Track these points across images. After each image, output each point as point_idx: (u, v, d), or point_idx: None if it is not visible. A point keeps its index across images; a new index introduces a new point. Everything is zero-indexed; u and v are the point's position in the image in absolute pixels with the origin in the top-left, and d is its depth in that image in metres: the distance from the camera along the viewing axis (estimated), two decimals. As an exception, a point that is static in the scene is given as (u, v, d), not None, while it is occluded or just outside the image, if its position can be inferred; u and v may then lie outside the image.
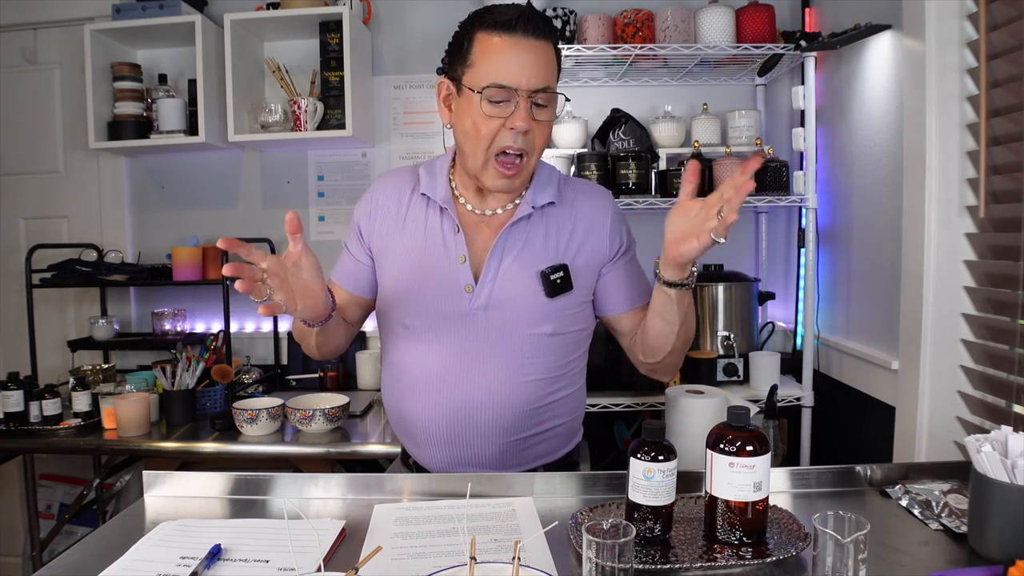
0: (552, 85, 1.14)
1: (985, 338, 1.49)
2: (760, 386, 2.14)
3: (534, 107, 1.12)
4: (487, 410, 1.19)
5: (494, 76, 1.10)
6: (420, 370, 1.22)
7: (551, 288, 1.19)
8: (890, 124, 1.79)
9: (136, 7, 2.34)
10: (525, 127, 1.11)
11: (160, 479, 1.11)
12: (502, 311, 1.19)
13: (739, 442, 0.86)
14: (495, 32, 1.10)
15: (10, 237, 2.68)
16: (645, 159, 2.18)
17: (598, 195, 1.30)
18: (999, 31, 1.42)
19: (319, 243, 2.60)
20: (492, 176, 1.16)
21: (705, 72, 2.38)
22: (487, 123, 1.12)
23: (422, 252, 1.22)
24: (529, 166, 1.17)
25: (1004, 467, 0.83)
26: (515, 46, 1.10)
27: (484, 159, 1.14)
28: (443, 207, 1.22)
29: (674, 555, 0.86)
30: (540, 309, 1.20)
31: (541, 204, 1.23)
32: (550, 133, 1.19)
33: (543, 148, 1.18)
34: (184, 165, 2.61)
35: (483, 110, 1.11)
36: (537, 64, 1.11)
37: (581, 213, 1.25)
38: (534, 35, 1.10)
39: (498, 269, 1.20)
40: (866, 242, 1.96)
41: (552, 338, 1.21)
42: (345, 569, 0.75)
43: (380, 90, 2.54)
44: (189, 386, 2.13)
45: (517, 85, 1.09)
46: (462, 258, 1.20)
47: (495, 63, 1.10)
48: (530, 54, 1.10)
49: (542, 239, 1.22)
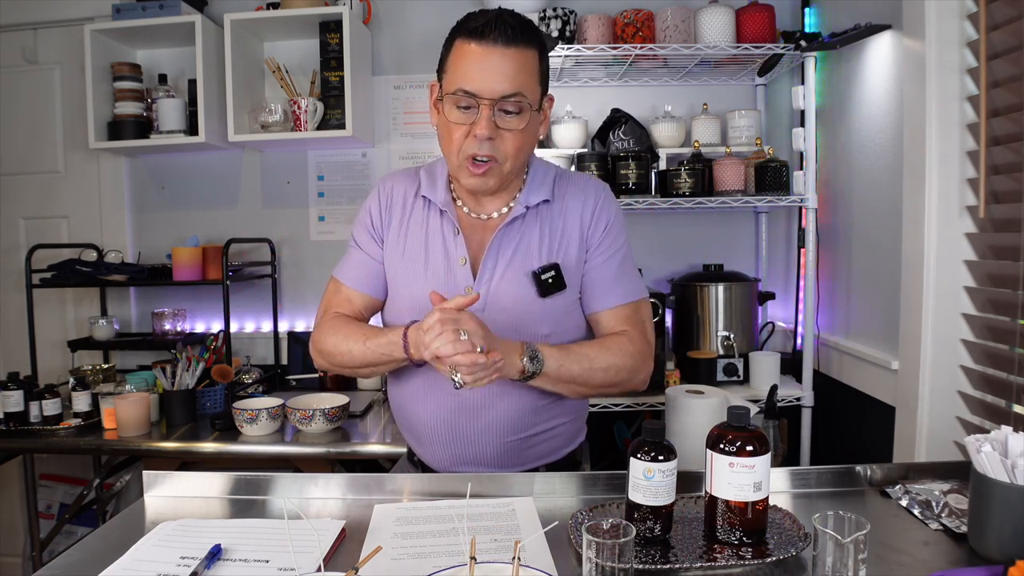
0: (526, 90, 1.11)
1: (985, 338, 1.49)
2: (760, 386, 2.14)
3: (501, 114, 1.11)
4: (488, 410, 1.20)
5: (459, 82, 1.11)
6: (422, 371, 1.22)
7: (543, 288, 1.18)
8: (890, 124, 1.79)
9: (136, 7, 2.34)
10: (487, 134, 1.10)
11: (160, 479, 1.11)
12: (499, 312, 1.18)
13: (739, 442, 0.86)
14: (469, 39, 1.11)
15: (10, 237, 2.68)
16: (645, 159, 2.18)
17: (587, 187, 1.26)
18: (999, 31, 1.42)
19: (319, 243, 2.60)
20: (465, 176, 1.16)
21: (705, 72, 2.39)
22: (455, 129, 1.13)
23: (424, 253, 1.22)
24: (502, 171, 1.16)
25: (1004, 467, 0.83)
26: (483, 53, 1.09)
27: (457, 162, 1.16)
28: (443, 210, 1.23)
29: (674, 555, 0.86)
30: (535, 310, 1.19)
31: (535, 203, 1.22)
32: (525, 140, 1.15)
33: (519, 154, 1.16)
34: (184, 165, 2.61)
35: (450, 116, 1.13)
36: (503, 71, 1.09)
37: (569, 207, 1.24)
38: (503, 42, 1.09)
39: (494, 271, 1.20)
40: (866, 242, 1.96)
41: (549, 339, 1.20)
42: (345, 569, 0.75)
43: (380, 90, 2.54)
44: (189, 386, 2.13)
45: (479, 92, 1.09)
46: (462, 260, 1.20)
47: (462, 70, 1.11)
48: (497, 61, 1.09)
49: (537, 239, 1.21)
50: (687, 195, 2.14)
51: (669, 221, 2.50)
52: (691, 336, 2.27)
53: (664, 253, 2.50)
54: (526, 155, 1.19)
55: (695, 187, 2.14)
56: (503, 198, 1.24)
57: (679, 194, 2.14)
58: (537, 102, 1.16)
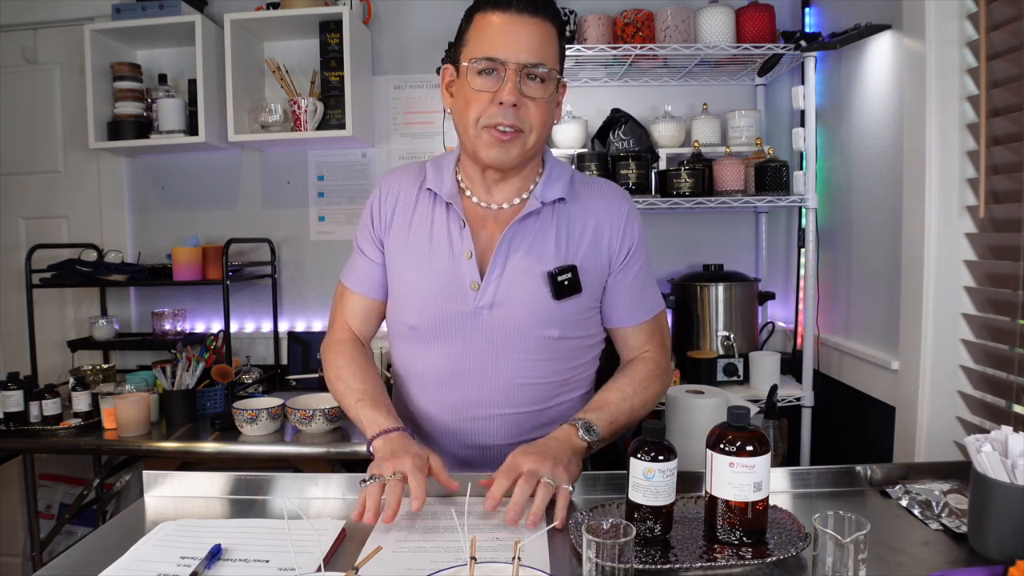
0: (548, 63, 1.10)
1: (985, 338, 1.49)
2: (760, 386, 2.14)
3: (526, 81, 1.10)
4: (491, 411, 1.19)
5: (484, 50, 1.09)
6: (425, 369, 1.21)
7: (558, 290, 1.15)
8: (890, 124, 1.79)
9: (136, 7, 2.34)
10: (512, 100, 1.08)
11: (160, 479, 1.10)
12: (508, 310, 1.16)
13: (739, 442, 0.86)
14: (491, 11, 1.10)
15: (10, 237, 2.68)
16: (645, 159, 2.18)
17: (614, 195, 1.24)
18: (999, 31, 1.41)
19: (319, 243, 2.60)
20: (486, 145, 1.11)
21: (705, 72, 2.38)
22: (477, 97, 1.10)
23: (428, 249, 1.19)
24: (527, 143, 1.12)
25: (1004, 467, 0.83)
26: (508, 21, 1.09)
27: (476, 133, 1.12)
28: (448, 202, 1.19)
29: (674, 555, 0.86)
30: (546, 311, 1.16)
31: (551, 199, 1.18)
32: (549, 114, 1.14)
33: (543, 127, 1.13)
34: (184, 165, 2.61)
35: (472, 84, 1.10)
36: (530, 39, 1.09)
37: (594, 212, 1.20)
38: (529, 12, 1.09)
39: (504, 266, 1.16)
40: (866, 242, 1.96)
41: (559, 342, 1.18)
42: (345, 569, 0.75)
43: (380, 90, 2.54)
44: (189, 386, 2.13)
45: (505, 57, 1.08)
46: (468, 254, 1.16)
47: (486, 38, 1.09)
48: (523, 29, 1.08)
49: (553, 238, 1.17)
50: (687, 195, 2.14)
51: (669, 221, 2.50)
52: (691, 336, 2.27)
53: (664, 253, 2.50)
54: (547, 131, 1.17)
55: (695, 187, 2.14)
56: (516, 186, 1.20)
57: (679, 194, 2.14)
58: (558, 77, 1.14)
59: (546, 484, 0.96)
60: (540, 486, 0.96)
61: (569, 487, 0.99)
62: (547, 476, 0.98)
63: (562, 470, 1.00)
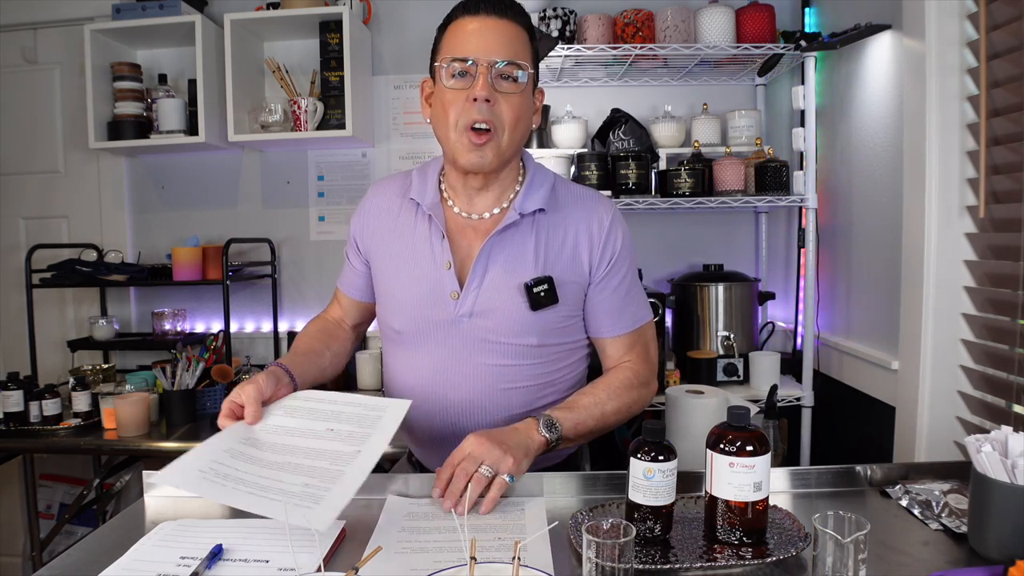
0: (519, 59, 1.12)
1: (985, 338, 1.49)
2: (760, 386, 2.14)
3: (499, 80, 1.12)
4: (474, 415, 1.20)
5: (455, 52, 1.12)
6: (411, 374, 1.23)
7: (534, 301, 1.16)
8: (890, 124, 1.79)
9: (136, 7, 2.34)
10: (485, 95, 1.09)
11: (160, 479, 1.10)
12: (486, 320, 1.17)
13: (739, 442, 0.86)
14: (462, 16, 1.14)
15: (10, 237, 2.68)
16: (645, 159, 2.18)
17: (596, 204, 1.23)
18: (999, 31, 1.42)
19: (319, 243, 2.60)
20: (463, 151, 1.13)
21: (705, 72, 2.38)
22: (452, 97, 1.12)
23: (411, 258, 1.21)
24: (501, 143, 1.13)
25: (1004, 467, 0.83)
26: (478, 24, 1.12)
27: (456, 137, 1.13)
28: (430, 214, 1.20)
29: (674, 555, 0.86)
30: (524, 321, 1.17)
31: (530, 211, 1.18)
32: (524, 113, 1.15)
33: (517, 126, 1.14)
34: (184, 165, 2.61)
35: (447, 85, 1.13)
36: (498, 38, 1.12)
37: (574, 223, 1.20)
38: (496, 13, 1.12)
39: (483, 278, 1.17)
40: (866, 242, 1.96)
41: (539, 349, 1.19)
42: (345, 569, 0.75)
43: (380, 90, 2.54)
44: (189, 386, 2.13)
45: (476, 56, 1.10)
46: (447, 264, 1.18)
47: (458, 42, 1.13)
48: (492, 30, 1.12)
49: (532, 249, 1.18)
50: (687, 195, 2.14)
51: (669, 221, 2.50)
52: (691, 336, 2.27)
53: (664, 253, 2.50)
54: (523, 132, 1.17)
55: (695, 187, 2.14)
56: (496, 194, 1.21)
57: (679, 194, 2.14)
58: (532, 77, 1.16)
59: (479, 477, 1.00)
60: (473, 479, 1.00)
61: (507, 478, 1.01)
62: (487, 465, 1.01)
63: (510, 459, 1.02)
